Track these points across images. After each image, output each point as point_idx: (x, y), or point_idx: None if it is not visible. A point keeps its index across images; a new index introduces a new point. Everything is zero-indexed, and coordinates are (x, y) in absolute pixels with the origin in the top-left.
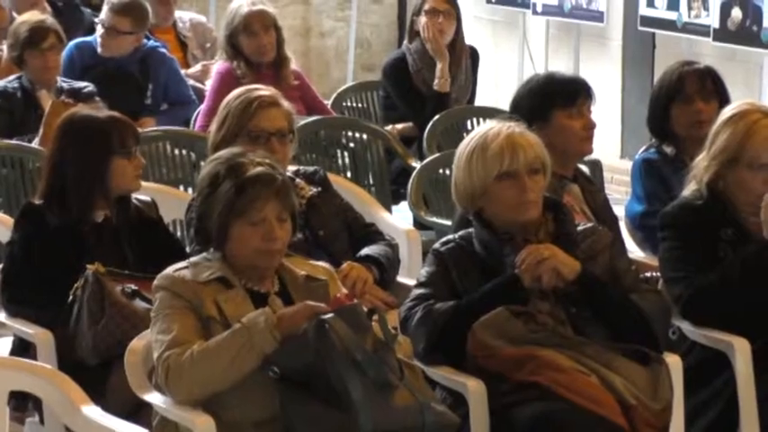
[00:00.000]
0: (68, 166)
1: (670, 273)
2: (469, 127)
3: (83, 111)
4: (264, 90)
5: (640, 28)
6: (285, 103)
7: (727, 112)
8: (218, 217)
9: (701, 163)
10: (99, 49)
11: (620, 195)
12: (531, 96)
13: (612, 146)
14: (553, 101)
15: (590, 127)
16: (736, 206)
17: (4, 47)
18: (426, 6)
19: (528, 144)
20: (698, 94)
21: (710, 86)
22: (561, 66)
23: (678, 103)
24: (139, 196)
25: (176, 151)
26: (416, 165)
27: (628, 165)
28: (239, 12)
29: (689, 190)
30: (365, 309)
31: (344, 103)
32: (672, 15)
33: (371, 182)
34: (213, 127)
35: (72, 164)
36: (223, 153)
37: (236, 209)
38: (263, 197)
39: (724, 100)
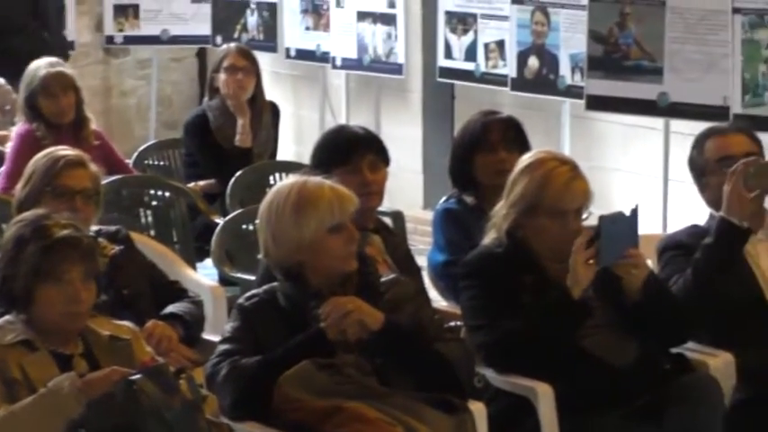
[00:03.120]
0: None
1: (472, 321)
2: (272, 182)
3: None
4: (72, 151)
5: (439, 79)
6: (92, 167)
7: (524, 160)
8: (23, 279)
9: (501, 211)
10: None
11: (424, 246)
12: (316, 152)
13: (415, 197)
14: (331, 158)
15: (367, 184)
16: (536, 253)
17: None
18: (225, 63)
19: (350, 196)
20: (501, 143)
21: (513, 135)
22: (362, 119)
23: (481, 152)
24: None
25: None
26: (220, 221)
27: (431, 215)
28: (37, 73)
29: (489, 238)
30: (171, 368)
31: (147, 162)
32: (470, 66)
33: (175, 239)
34: (19, 185)
35: None
36: (28, 215)
37: (41, 271)
38: (68, 259)
39: (525, 149)
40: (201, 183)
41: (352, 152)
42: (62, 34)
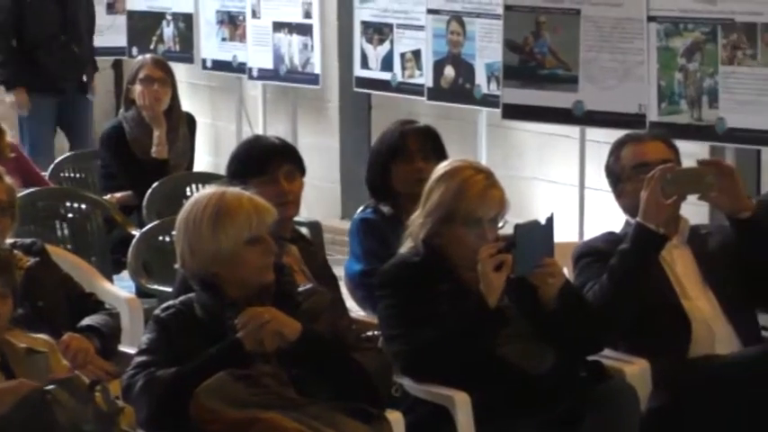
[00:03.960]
0: None
1: (389, 330)
2: (189, 193)
3: None
4: None
5: (356, 89)
6: (8, 179)
7: (440, 169)
8: None
9: (417, 220)
10: None
11: (341, 255)
12: (233, 163)
13: (332, 206)
14: (247, 169)
15: (283, 194)
16: (453, 261)
17: None
18: (141, 74)
19: (269, 208)
20: (418, 152)
21: (430, 145)
22: (279, 129)
23: (398, 161)
24: None
25: None
26: (136, 233)
27: (348, 225)
28: None
29: (406, 247)
30: (87, 380)
31: (63, 174)
32: (386, 76)
33: (92, 252)
34: None
35: None
36: None
37: None
38: None
39: (442, 158)
40: (118, 195)
41: (268, 162)
42: (92, 47)
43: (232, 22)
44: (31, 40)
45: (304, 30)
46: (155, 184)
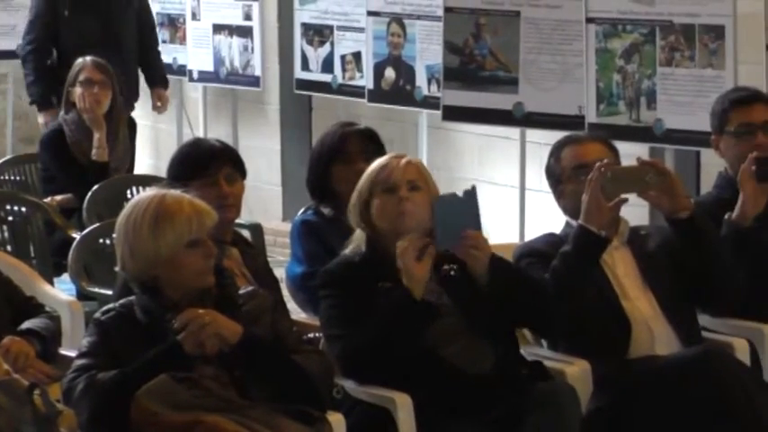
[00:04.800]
0: None
1: (330, 331)
2: (129, 196)
3: None
4: None
5: (296, 91)
6: None
7: (369, 170)
8: None
9: (352, 216)
10: None
11: (283, 258)
12: (173, 166)
13: (274, 209)
14: (188, 171)
15: (224, 196)
16: (394, 259)
17: None
18: (81, 77)
19: (209, 211)
20: (359, 154)
21: (371, 147)
22: (220, 131)
23: (339, 163)
24: None
25: None
26: (77, 236)
27: (290, 227)
28: None
29: (350, 247)
30: (27, 383)
31: (3, 177)
32: (327, 78)
33: (32, 255)
34: None
35: None
36: None
37: None
38: None
39: None
40: (58, 197)
41: (208, 165)
42: (149, 65)
43: (172, 24)
44: (66, 57)
45: (244, 32)
46: (95, 187)
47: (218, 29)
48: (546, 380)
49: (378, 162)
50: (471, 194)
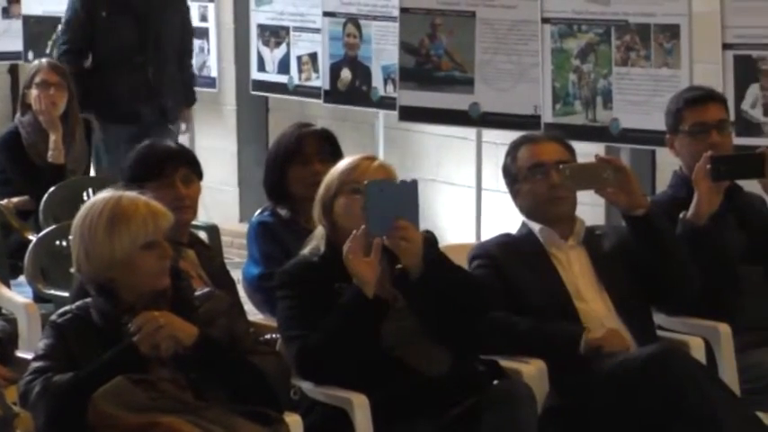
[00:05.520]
0: None
1: (287, 332)
2: (85, 197)
3: None
4: None
5: (253, 92)
6: None
7: (339, 167)
8: None
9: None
10: None
11: (240, 259)
12: (129, 167)
13: (230, 210)
14: (143, 173)
15: (180, 198)
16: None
17: None
18: (37, 79)
19: (165, 212)
20: (316, 155)
21: (327, 147)
22: None
23: (295, 164)
24: None
25: None
26: (33, 238)
27: (246, 228)
28: None
29: (308, 247)
30: None
31: None
32: (283, 79)
33: None
34: None
35: None
36: None
37: None
38: None
39: (340, 160)
40: (15, 200)
41: (164, 166)
42: (186, 71)
43: None
44: (102, 61)
45: (200, 33)
46: (51, 189)
47: None
48: (501, 377)
49: (349, 161)
50: (410, 185)
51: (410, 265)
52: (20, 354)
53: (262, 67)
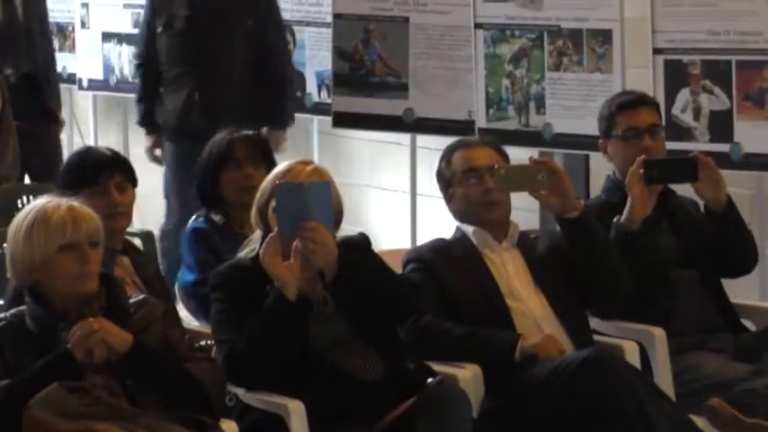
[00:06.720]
0: None
1: (219, 335)
2: (20, 205)
3: None
4: None
5: None
6: None
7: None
8: None
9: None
10: None
11: None
12: (63, 174)
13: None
14: (78, 180)
15: (114, 205)
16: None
17: None
18: None
19: (89, 216)
20: (247, 159)
21: (259, 152)
22: (111, 140)
23: (227, 169)
24: None
25: None
26: None
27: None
28: None
29: (245, 249)
30: None
31: None
32: None
33: None
34: None
35: None
36: None
37: None
38: None
39: (272, 165)
40: None
41: (98, 173)
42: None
43: (61, 32)
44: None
45: (133, 40)
46: None
47: (107, 37)
48: (433, 376)
49: (284, 165)
50: (322, 187)
51: (321, 265)
52: None
53: None
